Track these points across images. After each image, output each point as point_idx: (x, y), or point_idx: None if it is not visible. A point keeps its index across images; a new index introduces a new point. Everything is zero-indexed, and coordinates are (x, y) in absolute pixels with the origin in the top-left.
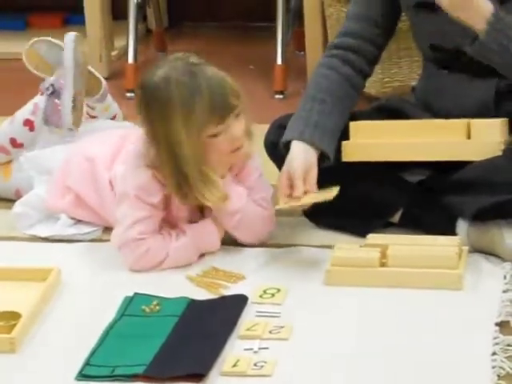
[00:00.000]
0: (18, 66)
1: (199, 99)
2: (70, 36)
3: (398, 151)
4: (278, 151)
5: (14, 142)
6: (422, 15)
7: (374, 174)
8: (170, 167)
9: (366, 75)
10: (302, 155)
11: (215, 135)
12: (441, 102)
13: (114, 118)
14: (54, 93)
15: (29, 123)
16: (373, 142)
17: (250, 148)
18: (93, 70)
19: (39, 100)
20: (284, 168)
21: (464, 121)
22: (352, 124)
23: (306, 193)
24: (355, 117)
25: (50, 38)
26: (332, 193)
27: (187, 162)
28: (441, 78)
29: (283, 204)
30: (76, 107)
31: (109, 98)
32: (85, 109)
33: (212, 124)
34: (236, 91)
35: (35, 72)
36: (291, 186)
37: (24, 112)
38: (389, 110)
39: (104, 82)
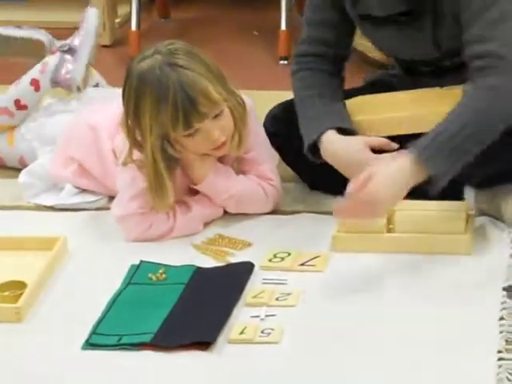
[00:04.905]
0: None
1: (164, 104)
2: (94, 11)
3: (399, 125)
4: (272, 141)
5: (18, 103)
6: (368, 28)
7: None
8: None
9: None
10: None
11: (190, 135)
12: None
13: (95, 86)
14: (69, 50)
15: (35, 83)
16: (373, 117)
17: (243, 143)
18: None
19: (50, 58)
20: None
21: (461, 87)
22: (349, 102)
23: None
24: (349, 94)
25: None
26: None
27: (146, 155)
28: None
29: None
30: (88, 67)
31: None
32: None
33: (178, 128)
34: (212, 99)
35: None
36: None
37: (32, 71)
38: (382, 85)
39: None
